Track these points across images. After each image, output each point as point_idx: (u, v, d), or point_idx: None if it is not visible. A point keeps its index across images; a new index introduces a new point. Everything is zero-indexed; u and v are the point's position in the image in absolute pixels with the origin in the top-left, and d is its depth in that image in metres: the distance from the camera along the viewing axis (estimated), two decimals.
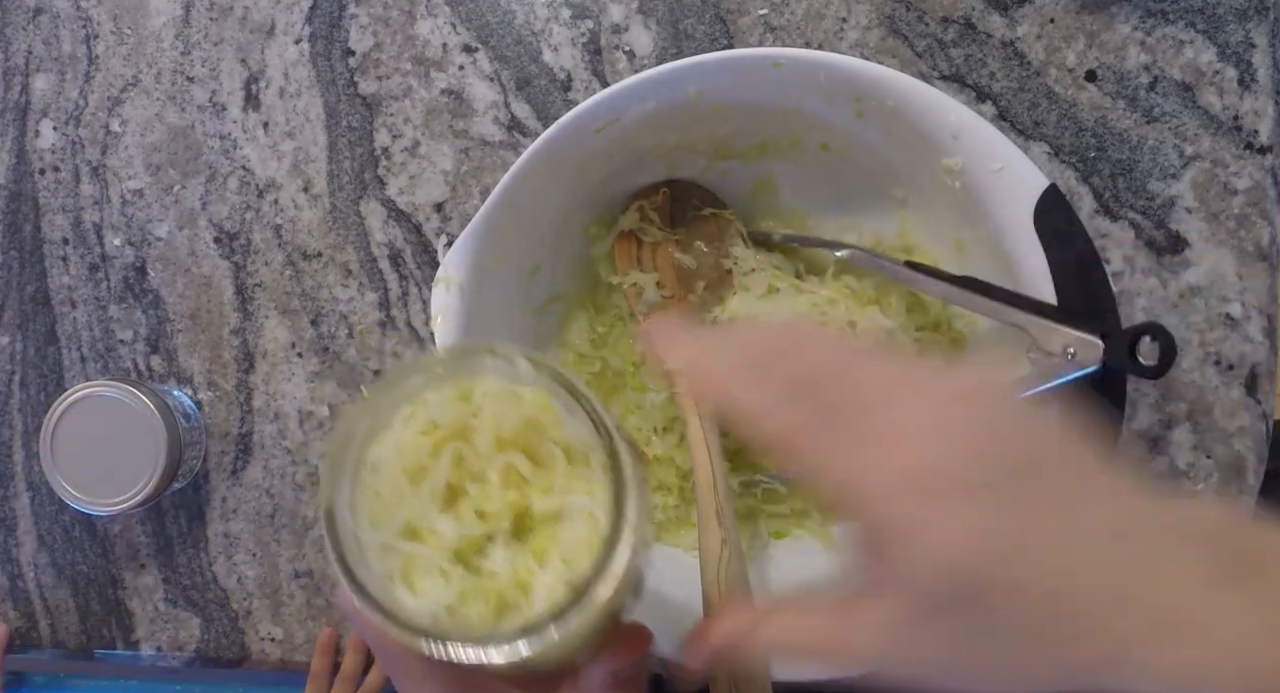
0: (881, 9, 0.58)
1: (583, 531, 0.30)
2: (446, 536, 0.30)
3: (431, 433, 0.31)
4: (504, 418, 0.31)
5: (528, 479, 0.31)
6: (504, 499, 0.31)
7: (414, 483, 0.31)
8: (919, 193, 0.52)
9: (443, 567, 0.30)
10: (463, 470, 0.31)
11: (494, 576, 0.30)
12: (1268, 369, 0.56)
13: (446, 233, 0.62)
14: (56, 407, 0.59)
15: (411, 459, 0.31)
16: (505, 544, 0.31)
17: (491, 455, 0.31)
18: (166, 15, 0.64)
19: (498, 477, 0.31)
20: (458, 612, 0.30)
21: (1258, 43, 0.56)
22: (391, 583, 0.30)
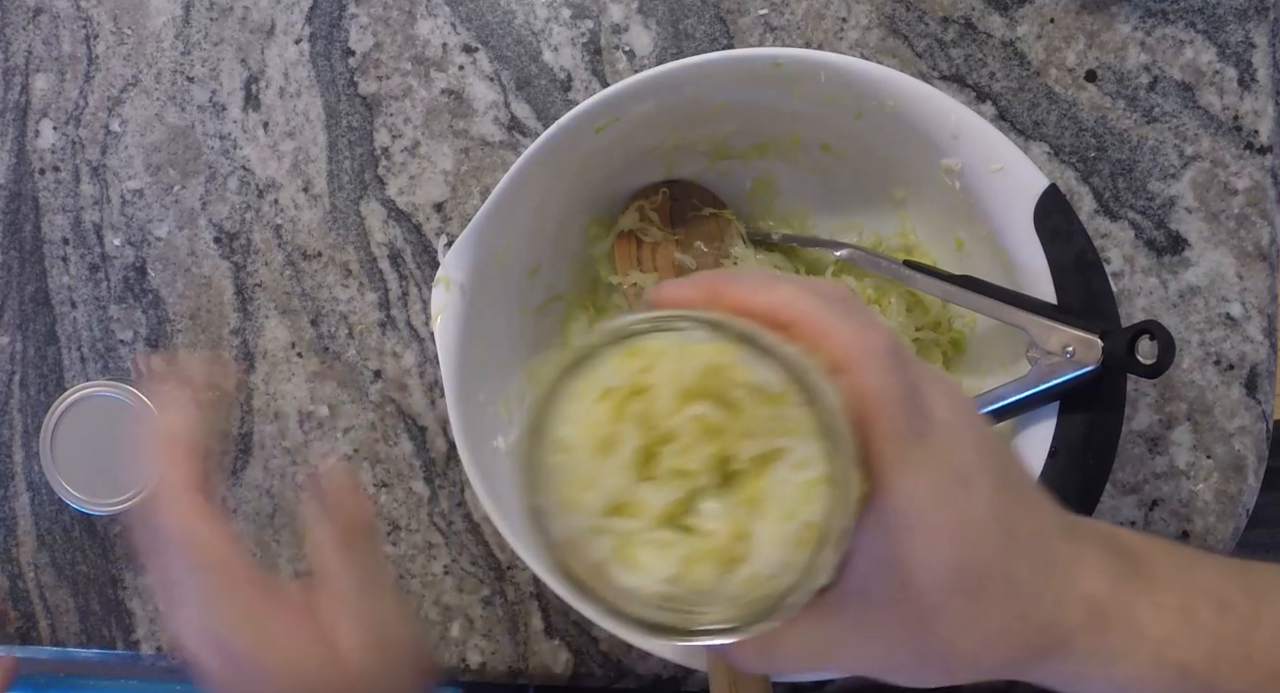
0: (881, 9, 0.58)
1: (794, 472, 0.28)
2: (653, 504, 0.29)
3: (607, 399, 0.29)
4: (681, 369, 0.29)
5: (721, 428, 0.29)
6: (702, 453, 0.29)
7: (604, 456, 0.29)
8: (919, 193, 0.52)
9: (657, 538, 0.28)
10: (651, 431, 0.29)
11: (710, 533, 0.28)
12: (1268, 369, 0.56)
13: (446, 233, 0.62)
14: (56, 407, 0.59)
15: (595, 432, 0.29)
16: (713, 498, 0.29)
17: (677, 410, 0.29)
18: (166, 15, 0.64)
19: (689, 431, 0.29)
20: (683, 579, 0.28)
21: (1258, 43, 0.56)
22: (606, 568, 0.29)
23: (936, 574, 0.29)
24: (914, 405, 0.29)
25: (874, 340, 0.28)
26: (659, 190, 0.56)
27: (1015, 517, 0.30)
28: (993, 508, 0.30)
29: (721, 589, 0.28)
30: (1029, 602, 0.30)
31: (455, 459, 0.61)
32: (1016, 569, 0.30)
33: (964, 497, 0.29)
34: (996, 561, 0.30)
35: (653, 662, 0.60)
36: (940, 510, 0.29)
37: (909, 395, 0.29)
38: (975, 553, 0.29)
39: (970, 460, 0.30)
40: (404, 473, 0.62)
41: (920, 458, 0.29)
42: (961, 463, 0.29)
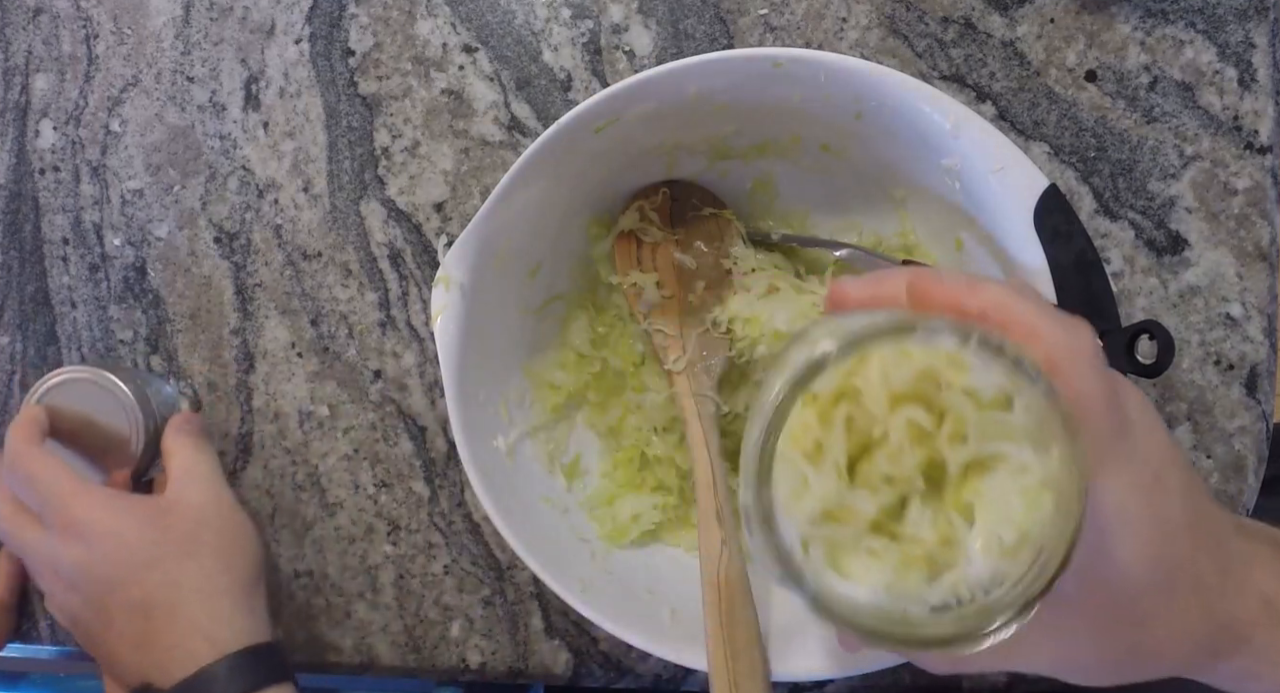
0: (881, 9, 0.58)
1: (1011, 479, 0.27)
2: (863, 511, 0.28)
3: (814, 404, 0.29)
4: (893, 373, 0.28)
5: (932, 433, 0.28)
6: (911, 459, 0.28)
7: (814, 463, 0.28)
8: (919, 193, 0.52)
9: (869, 545, 0.28)
10: (860, 435, 0.29)
11: (918, 540, 0.28)
12: (1268, 369, 0.56)
13: (446, 233, 0.62)
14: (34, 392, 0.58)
15: (805, 438, 0.28)
16: (922, 504, 0.28)
17: (886, 414, 0.28)
18: (166, 15, 0.64)
19: (899, 435, 0.28)
20: (895, 587, 0.28)
21: (1258, 43, 0.56)
22: (820, 574, 0.28)
23: (1135, 571, 0.29)
24: (1116, 405, 0.29)
25: (1084, 341, 0.29)
26: (659, 190, 0.56)
27: (1201, 517, 0.31)
28: (1184, 507, 0.30)
29: (933, 596, 0.28)
30: (1214, 597, 0.31)
31: (455, 459, 0.61)
32: (1202, 566, 0.31)
33: (1161, 495, 0.30)
34: (1187, 557, 0.30)
35: (653, 662, 0.60)
36: (1141, 508, 0.29)
37: (1112, 396, 0.29)
38: (1171, 549, 0.30)
39: (1164, 459, 0.30)
40: (404, 473, 0.62)
41: (1122, 456, 0.29)
42: (1157, 462, 0.30)
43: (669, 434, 0.56)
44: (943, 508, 0.28)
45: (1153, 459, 0.30)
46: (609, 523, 0.55)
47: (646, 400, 0.56)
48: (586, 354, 0.57)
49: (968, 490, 0.28)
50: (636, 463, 0.57)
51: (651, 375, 0.56)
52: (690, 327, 0.55)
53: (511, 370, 0.55)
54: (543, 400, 0.56)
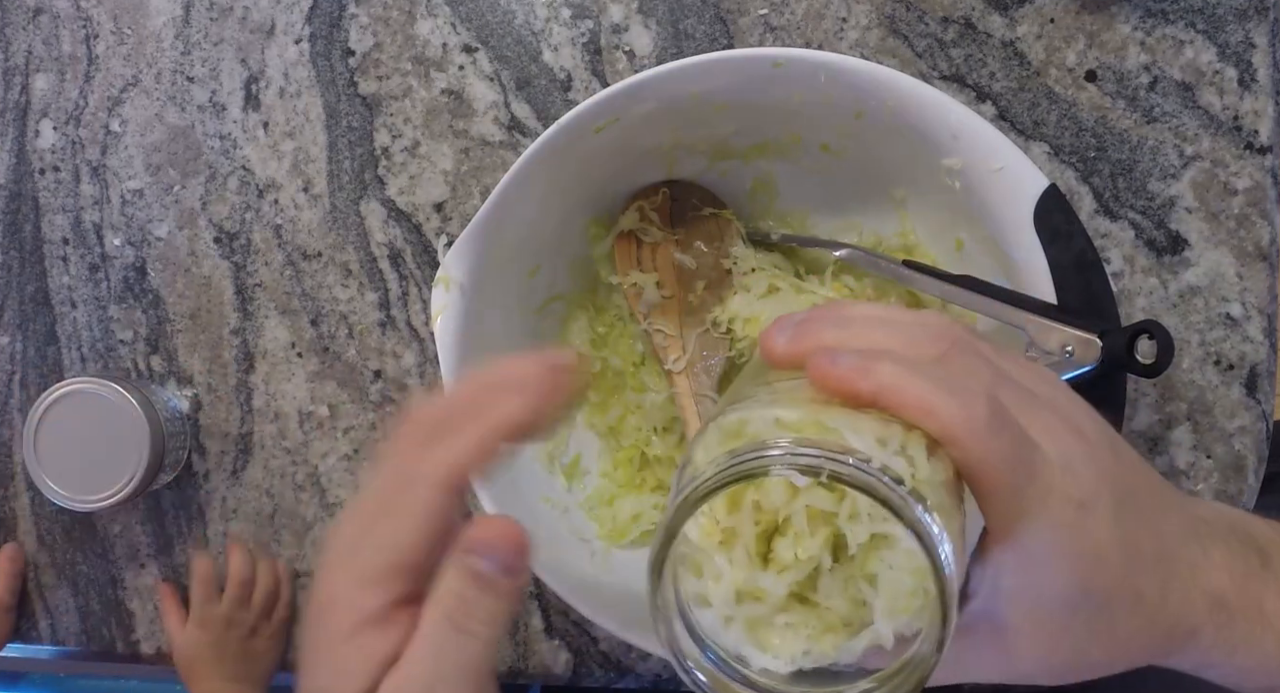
0: (881, 9, 0.58)
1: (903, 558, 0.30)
2: (776, 592, 0.31)
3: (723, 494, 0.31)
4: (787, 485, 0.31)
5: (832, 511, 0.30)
6: (815, 542, 0.31)
7: (727, 550, 0.31)
8: (919, 193, 0.52)
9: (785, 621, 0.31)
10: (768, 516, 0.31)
11: (830, 609, 0.31)
12: (1268, 369, 0.56)
13: (446, 233, 0.62)
14: (41, 402, 0.58)
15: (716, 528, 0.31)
16: (831, 575, 0.31)
17: (788, 499, 0.31)
18: (166, 15, 0.64)
19: (800, 521, 0.31)
20: (813, 653, 0.31)
21: (1258, 43, 0.56)
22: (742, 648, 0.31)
23: (1062, 601, 0.31)
24: (1021, 458, 0.30)
25: (975, 410, 0.29)
26: (659, 190, 0.56)
27: (1137, 534, 0.32)
28: (1114, 531, 0.31)
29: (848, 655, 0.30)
30: (1155, 610, 0.32)
31: None
32: (1141, 584, 0.32)
33: (1085, 525, 0.31)
34: (1120, 580, 0.31)
35: (653, 662, 0.60)
36: (1061, 545, 0.30)
37: (1014, 453, 0.30)
38: (1098, 578, 0.31)
39: (1086, 488, 0.31)
40: None
41: (1036, 500, 0.30)
42: (1081, 492, 0.31)
43: (669, 434, 0.56)
44: (851, 575, 0.31)
45: (1074, 493, 0.31)
46: (609, 523, 0.55)
47: (646, 400, 0.56)
48: (586, 354, 0.57)
49: (871, 562, 0.30)
50: (636, 463, 0.56)
51: (651, 375, 0.56)
52: (690, 327, 0.55)
53: None
54: None
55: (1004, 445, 0.30)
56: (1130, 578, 0.31)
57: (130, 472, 0.58)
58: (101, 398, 0.58)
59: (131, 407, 0.58)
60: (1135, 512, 0.32)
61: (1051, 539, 0.30)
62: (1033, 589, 0.31)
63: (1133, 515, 0.32)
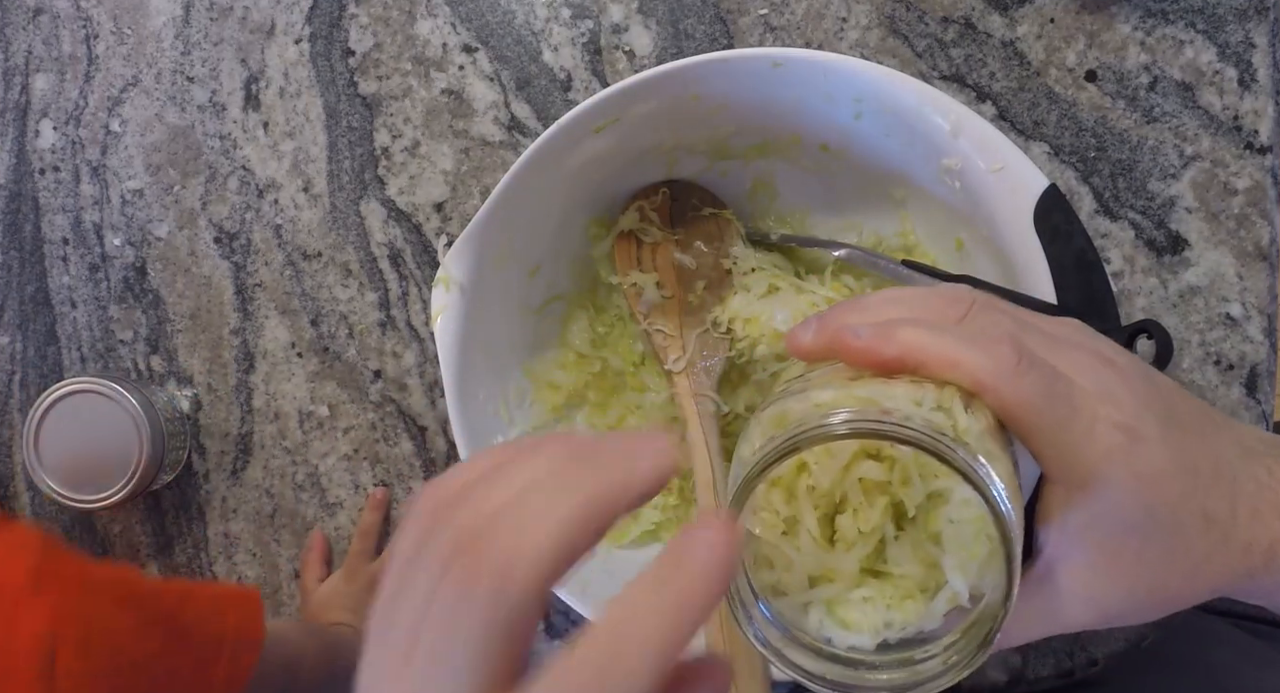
0: (881, 9, 0.58)
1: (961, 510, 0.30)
2: (847, 568, 0.31)
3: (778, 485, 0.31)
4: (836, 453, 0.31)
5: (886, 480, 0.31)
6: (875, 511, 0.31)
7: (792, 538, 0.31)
8: (919, 193, 0.52)
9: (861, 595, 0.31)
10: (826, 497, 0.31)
11: (903, 576, 0.31)
12: (1268, 369, 0.56)
13: (446, 233, 0.62)
14: (41, 402, 0.58)
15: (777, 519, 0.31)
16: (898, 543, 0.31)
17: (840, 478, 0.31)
18: (166, 15, 0.64)
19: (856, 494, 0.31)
20: (895, 621, 0.31)
21: (1258, 43, 0.56)
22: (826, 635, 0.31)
23: (1130, 527, 0.31)
24: (1056, 393, 0.30)
25: (1000, 355, 0.30)
26: (659, 190, 0.56)
27: (1191, 453, 0.32)
28: (1166, 451, 0.31)
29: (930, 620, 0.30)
30: (1227, 526, 0.32)
31: (455, 459, 0.61)
32: (1208, 501, 0.31)
33: (1134, 451, 0.31)
34: (1184, 499, 0.31)
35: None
36: (1118, 469, 0.30)
37: (1048, 389, 0.30)
38: (1160, 497, 0.31)
39: (1129, 412, 0.31)
40: (404, 473, 0.62)
41: (1082, 433, 0.30)
42: (1122, 419, 0.31)
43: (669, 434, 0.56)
44: (917, 539, 0.31)
45: (1119, 416, 0.31)
46: None
47: (646, 400, 0.56)
48: (586, 354, 0.57)
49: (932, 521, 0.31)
50: None
51: (651, 375, 0.56)
52: (690, 327, 0.55)
53: (511, 370, 0.55)
54: (543, 400, 0.56)
55: (1036, 383, 0.30)
56: (1194, 497, 0.31)
57: (130, 472, 0.58)
58: (101, 398, 0.58)
59: (131, 407, 0.58)
60: (1183, 432, 0.32)
61: (1106, 467, 0.30)
62: (1100, 520, 0.31)
63: (1182, 436, 0.32)
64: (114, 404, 0.58)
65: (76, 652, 0.40)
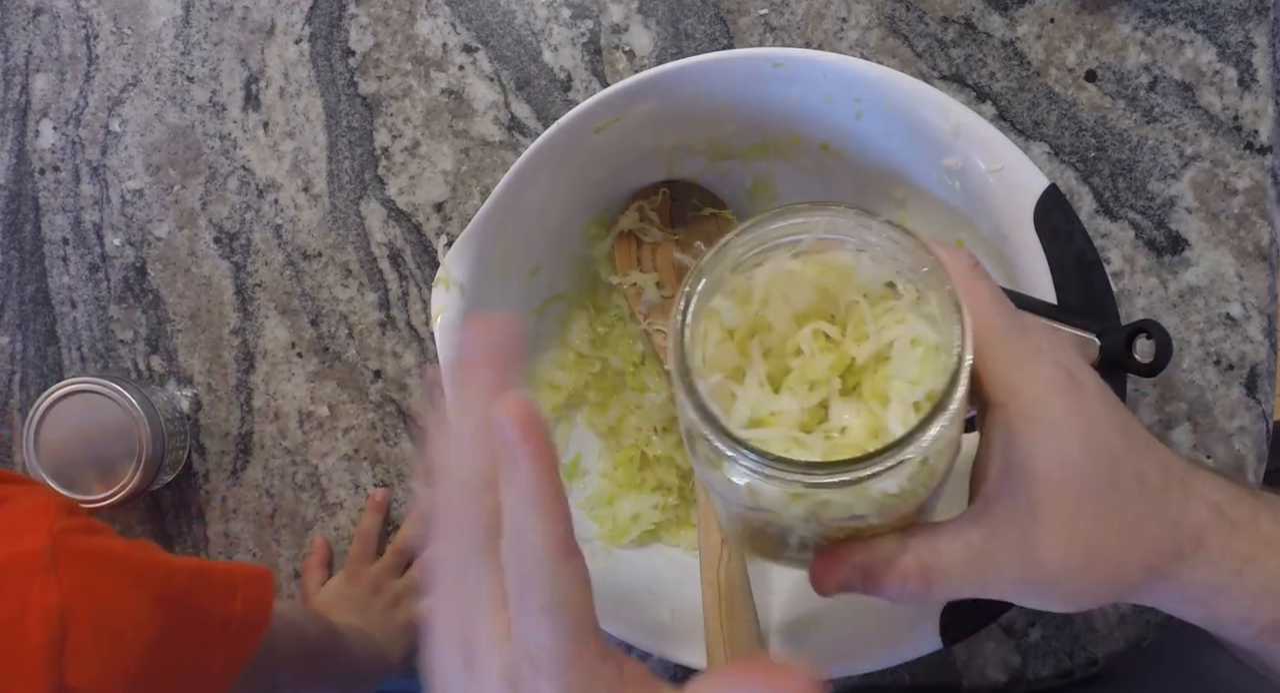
0: (881, 9, 0.58)
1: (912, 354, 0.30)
2: (790, 412, 0.31)
3: (731, 339, 0.32)
4: (791, 298, 0.32)
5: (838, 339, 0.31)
6: (825, 363, 0.31)
7: (740, 381, 0.31)
8: (919, 193, 0.52)
9: (798, 439, 0.30)
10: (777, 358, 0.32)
11: (846, 430, 0.31)
12: (1268, 369, 0.56)
13: (446, 233, 0.62)
14: (41, 401, 0.58)
15: (726, 363, 0.32)
16: (843, 402, 0.31)
17: (794, 332, 0.31)
18: (166, 15, 0.64)
19: (810, 347, 0.31)
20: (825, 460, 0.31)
21: (1258, 43, 0.56)
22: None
23: (1069, 464, 0.31)
24: (1008, 308, 0.31)
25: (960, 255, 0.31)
26: (659, 190, 0.56)
27: (1127, 420, 0.32)
28: (1105, 404, 0.31)
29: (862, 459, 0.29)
30: (1160, 495, 0.32)
31: None
32: (1142, 464, 0.31)
33: (1079, 394, 0.31)
34: (1122, 452, 0.31)
35: (653, 662, 0.60)
36: (1063, 403, 0.30)
37: (999, 297, 0.31)
38: (1103, 443, 0.31)
39: (1076, 364, 0.31)
40: (404, 473, 0.62)
41: (1029, 354, 0.31)
42: (1069, 364, 0.31)
43: (669, 434, 0.56)
44: (862, 401, 0.31)
45: (1062, 358, 0.31)
46: (609, 523, 0.55)
47: (646, 400, 0.56)
48: (586, 354, 0.57)
49: (879, 379, 0.31)
50: (636, 463, 0.56)
51: (651, 375, 0.56)
52: None
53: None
54: (543, 400, 0.56)
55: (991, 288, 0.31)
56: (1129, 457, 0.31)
57: (130, 472, 0.58)
58: (101, 398, 0.58)
59: (131, 407, 0.58)
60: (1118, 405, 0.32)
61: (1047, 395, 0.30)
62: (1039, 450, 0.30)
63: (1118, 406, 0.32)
64: (114, 404, 0.58)
65: (87, 629, 0.41)
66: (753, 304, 0.32)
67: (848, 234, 0.31)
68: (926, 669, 0.56)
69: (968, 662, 0.56)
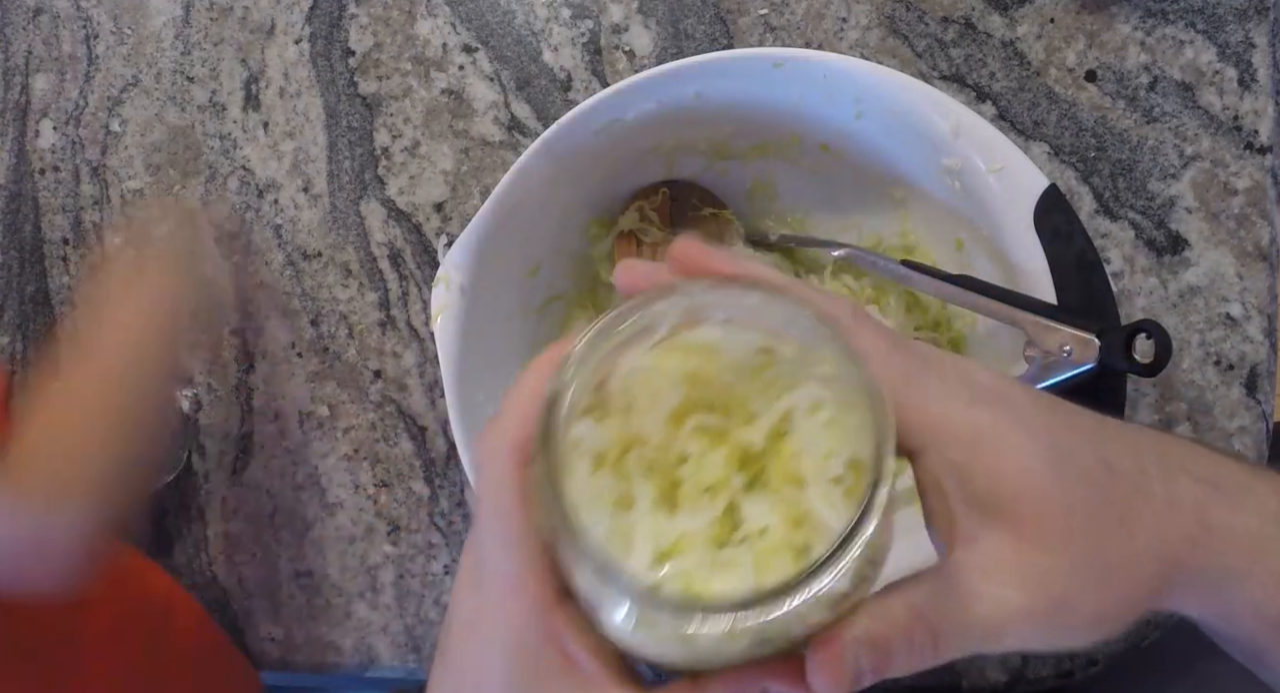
0: (881, 9, 0.58)
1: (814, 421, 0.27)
2: (697, 530, 0.27)
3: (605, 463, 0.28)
4: (659, 397, 0.28)
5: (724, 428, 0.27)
6: (717, 461, 0.27)
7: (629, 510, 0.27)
8: (919, 193, 0.52)
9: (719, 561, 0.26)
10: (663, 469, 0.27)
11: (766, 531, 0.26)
12: (1268, 369, 0.56)
13: (446, 233, 0.62)
14: None
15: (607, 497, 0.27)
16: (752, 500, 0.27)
17: (674, 436, 0.27)
18: (166, 15, 0.64)
19: (696, 447, 0.27)
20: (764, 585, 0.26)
21: (1258, 43, 0.56)
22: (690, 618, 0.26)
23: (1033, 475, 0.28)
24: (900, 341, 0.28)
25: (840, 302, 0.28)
26: (659, 190, 0.56)
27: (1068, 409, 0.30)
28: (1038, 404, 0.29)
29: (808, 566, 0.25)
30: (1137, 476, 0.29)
31: (455, 459, 0.61)
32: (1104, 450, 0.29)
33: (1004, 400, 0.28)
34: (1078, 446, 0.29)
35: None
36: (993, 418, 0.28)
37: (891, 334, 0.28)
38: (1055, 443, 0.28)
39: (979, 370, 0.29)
40: (404, 473, 0.62)
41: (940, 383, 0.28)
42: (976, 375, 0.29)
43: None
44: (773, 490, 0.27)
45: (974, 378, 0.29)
46: None
47: None
48: None
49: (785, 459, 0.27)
50: None
51: None
52: None
53: (511, 370, 0.55)
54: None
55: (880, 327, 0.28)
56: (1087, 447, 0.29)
57: None
58: None
59: None
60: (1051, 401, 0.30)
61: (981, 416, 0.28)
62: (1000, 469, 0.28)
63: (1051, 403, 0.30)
64: None
65: None
66: (615, 417, 0.27)
67: (703, 309, 0.27)
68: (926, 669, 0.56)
69: (968, 662, 0.56)
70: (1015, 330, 0.46)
